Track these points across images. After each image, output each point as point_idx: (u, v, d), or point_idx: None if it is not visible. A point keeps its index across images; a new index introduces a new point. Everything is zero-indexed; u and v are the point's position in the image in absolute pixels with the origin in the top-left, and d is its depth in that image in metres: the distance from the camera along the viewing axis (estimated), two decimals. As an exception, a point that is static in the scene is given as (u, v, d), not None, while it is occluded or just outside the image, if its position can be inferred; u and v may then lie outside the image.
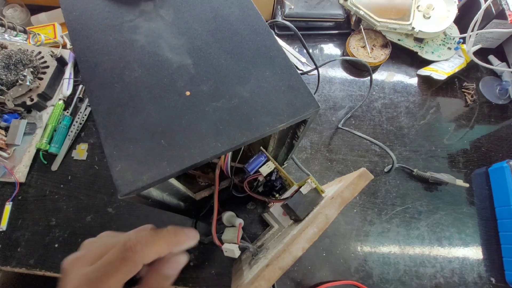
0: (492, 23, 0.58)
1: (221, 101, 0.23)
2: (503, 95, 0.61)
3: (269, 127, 0.23)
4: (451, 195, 0.51)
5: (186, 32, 0.26)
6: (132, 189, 0.20)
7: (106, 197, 0.48)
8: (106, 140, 0.21)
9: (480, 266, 0.47)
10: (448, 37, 0.63)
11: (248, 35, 0.27)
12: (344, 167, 0.52)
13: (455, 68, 0.60)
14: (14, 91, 0.48)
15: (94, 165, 0.50)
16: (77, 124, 0.52)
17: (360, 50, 0.60)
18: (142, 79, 0.24)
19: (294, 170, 0.51)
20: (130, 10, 0.27)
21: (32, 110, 0.51)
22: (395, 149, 0.55)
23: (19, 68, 0.49)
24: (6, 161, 0.48)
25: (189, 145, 0.21)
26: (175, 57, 0.25)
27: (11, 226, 0.46)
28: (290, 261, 0.24)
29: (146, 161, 0.21)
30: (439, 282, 0.46)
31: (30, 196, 0.48)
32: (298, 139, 0.31)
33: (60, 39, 0.56)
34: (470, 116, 0.59)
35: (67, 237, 0.45)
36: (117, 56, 0.25)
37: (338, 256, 0.46)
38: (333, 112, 0.57)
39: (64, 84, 0.54)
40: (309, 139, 0.54)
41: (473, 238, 0.49)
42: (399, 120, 0.57)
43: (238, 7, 0.28)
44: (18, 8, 0.59)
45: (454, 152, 0.55)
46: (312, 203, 0.31)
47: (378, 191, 0.51)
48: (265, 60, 0.26)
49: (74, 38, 0.26)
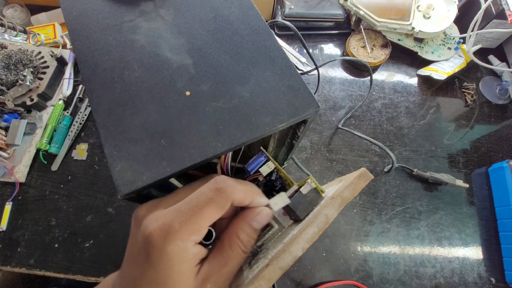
0: (492, 23, 0.58)
1: (221, 101, 0.23)
2: (503, 95, 0.61)
3: (269, 127, 0.23)
4: (451, 195, 0.51)
5: (186, 32, 0.26)
6: (132, 189, 0.20)
7: (106, 197, 0.48)
8: (106, 140, 0.21)
9: (480, 266, 0.47)
10: (448, 37, 0.63)
11: (248, 35, 0.27)
12: (344, 167, 0.52)
13: (455, 68, 0.60)
14: (14, 91, 0.48)
15: (94, 165, 0.50)
16: (77, 124, 0.52)
17: (360, 50, 0.60)
18: (142, 79, 0.24)
19: (294, 170, 0.51)
20: (130, 10, 0.27)
21: (32, 110, 0.51)
22: (395, 149, 0.55)
23: (19, 68, 0.49)
24: (6, 161, 0.48)
25: (189, 145, 0.21)
26: (175, 57, 0.25)
27: (11, 226, 0.46)
28: (290, 261, 0.24)
29: (146, 161, 0.21)
30: (439, 282, 0.46)
31: (30, 196, 0.48)
32: (298, 139, 0.31)
33: (60, 39, 0.56)
34: (470, 116, 0.59)
35: (67, 237, 0.45)
36: (117, 56, 0.25)
37: (338, 256, 0.46)
38: (333, 112, 0.57)
39: (64, 84, 0.54)
40: (309, 139, 0.54)
41: (473, 238, 0.49)
42: (399, 120, 0.57)
43: (238, 7, 0.28)
44: (18, 8, 0.59)
45: (454, 152, 0.55)
46: (312, 203, 0.31)
47: (378, 191, 0.51)
48: (265, 60, 0.26)
49: (74, 38, 0.26)
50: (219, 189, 0.19)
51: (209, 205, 0.19)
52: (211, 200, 0.19)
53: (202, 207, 0.19)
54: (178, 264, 0.18)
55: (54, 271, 0.43)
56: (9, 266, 0.44)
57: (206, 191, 0.19)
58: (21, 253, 0.44)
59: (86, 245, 0.45)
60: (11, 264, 0.44)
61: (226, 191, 0.19)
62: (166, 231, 0.18)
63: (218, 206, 0.19)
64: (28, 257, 0.44)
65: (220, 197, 0.19)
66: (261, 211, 0.22)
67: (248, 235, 0.21)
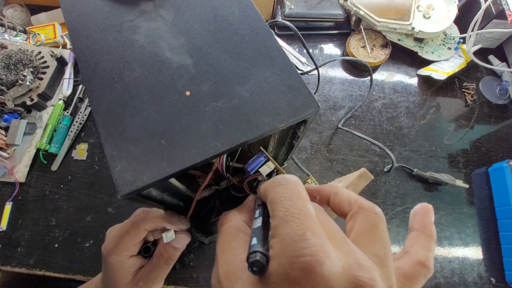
0: (492, 23, 0.58)
1: (221, 101, 0.23)
2: (503, 95, 0.61)
3: (269, 127, 0.23)
4: (451, 195, 0.51)
5: (186, 32, 0.26)
6: (132, 189, 0.20)
7: (106, 197, 0.48)
8: (106, 140, 0.21)
9: (480, 266, 0.47)
10: (448, 37, 0.63)
11: (248, 35, 0.27)
12: (344, 167, 0.52)
13: (455, 68, 0.60)
14: (14, 91, 0.48)
15: (94, 165, 0.50)
16: (77, 124, 0.52)
17: (360, 50, 0.60)
18: (142, 79, 0.24)
19: (294, 170, 0.51)
20: (130, 10, 0.27)
21: (32, 110, 0.51)
22: (395, 149, 0.55)
23: (19, 68, 0.49)
24: (6, 161, 0.48)
25: (189, 145, 0.21)
26: (175, 57, 0.25)
27: (11, 226, 0.46)
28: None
29: (146, 161, 0.21)
30: (439, 282, 0.46)
31: (30, 196, 0.48)
32: (298, 139, 0.31)
33: (60, 39, 0.56)
34: (470, 116, 0.59)
35: (67, 237, 0.45)
36: (117, 56, 0.25)
37: (338, 256, 0.46)
38: (333, 112, 0.57)
39: (64, 84, 0.54)
40: (309, 139, 0.54)
41: (473, 238, 0.49)
42: (399, 120, 0.57)
43: (238, 7, 0.28)
44: (18, 8, 0.59)
45: (454, 152, 0.55)
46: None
47: (378, 191, 0.51)
48: (265, 60, 0.26)
49: (74, 38, 0.26)
50: (133, 222, 0.29)
51: (128, 233, 0.29)
52: (128, 229, 0.29)
53: (124, 235, 0.29)
54: (118, 270, 0.30)
55: (54, 271, 0.43)
56: (9, 266, 0.44)
57: (127, 222, 0.30)
58: (21, 253, 0.44)
59: (86, 245, 0.45)
60: (11, 264, 0.44)
61: (138, 223, 0.29)
62: (107, 249, 0.29)
63: (133, 234, 0.29)
64: (28, 257, 0.44)
65: (133, 228, 0.29)
66: (180, 236, 0.31)
67: (168, 252, 0.31)
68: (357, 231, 0.17)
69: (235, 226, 0.20)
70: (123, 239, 0.29)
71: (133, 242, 0.29)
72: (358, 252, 0.15)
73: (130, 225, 0.29)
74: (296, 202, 0.16)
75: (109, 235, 0.31)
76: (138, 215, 0.30)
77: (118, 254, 0.29)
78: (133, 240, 0.29)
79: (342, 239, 0.16)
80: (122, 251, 0.29)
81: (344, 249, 0.15)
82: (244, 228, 0.20)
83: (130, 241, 0.29)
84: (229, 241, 0.19)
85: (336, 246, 0.15)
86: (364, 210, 0.18)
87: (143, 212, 0.30)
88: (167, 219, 0.30)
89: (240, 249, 0.17)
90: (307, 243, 0.14)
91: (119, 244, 0.29)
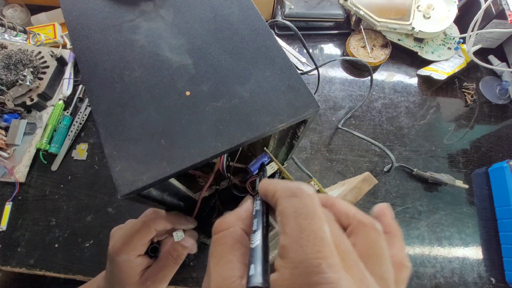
0: (492, 23, 0.58)
1: (221, 101, 0.23)
2: (503, 95, 0.61)
3: (269, 127, 0.23)
4: (451, 195, 0.51)
5: (186, 32, 0.26)
6: (132, 189, 0.20)
7: (106, 197, 0.48)
8: (106, 140, 0.21)
9: (480, 266, 0.47)
10: (448, 37, 0.63)
11: (248, 35, 0.27)
12: (344, 167, 0.52)
13: (455, 68, 0.60)
14: (14, 91, 0.48)
15: (94, 165, 0.50)
16: (77, 124, 0.52)
17: (360, 50, 0.60)
18: (142, 79, 0.24)
19: (294, 170, 0.51)
20: (130, 10, 0.27)
21: (32, 110, 0.51)
22: (395, 149, 0.55)
23: (19, 68, 0.49)
24: (6, 161, 0.48)
25: (189, 145, 0.21)
26: (175, 57, 0.25)
27: (11, 226, 0.46)
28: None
29: (146, 161, 0.21)
30: (439, 282, 0.46)
31: (30, 196, 0.48)
32: (298, 139, 0.31)
33: (60, 39, 0.56)
34: (470, 116, 0.59)
35: (67, 237, 0.45)
36: (117, 56, 0.25)
37: (338, 256, 0.46)
38: (333, 112, 0.57)
39: (64, 84, 0.54)
40: (309, 139, 0.54)
41: (473, 238, 0.49)
42: (399, 120, 0.57)
43: (238, 7, 0.28)
44: (18, 8, 0.59)
45: (454, 152, 0.55)
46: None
47: (378, 191, 0.51)
48: (265, 60, 0.26)
49: (74, 38, 0.26)
50: (144, 222, 0.30)
51: (137, 233, 0.30)
52: (139, 229, 0.30)
53: (133, 235, 0.30)
54: (125, 269, 0.30)
55: (54, 271, 0.43)
56: (9, 266, 0.44)
57: (137, 222, 0.30)
58: (21, 253, 0.44)
59: (86, 245, 0.45)
60: (11, 264, 0.44)
61: (148, 224, 0.30)
62: (115, 248, 0.30)
63: (143, 234, 0.30)
64: (28, 257, 0.44)
65: (144, 227, 0.30)
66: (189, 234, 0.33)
67: (177, 251, 0.32)
68: (360, 249, 0.16)
69: (233, 235, 0.18)
70: (133, 238, 0.30)
71: (142, 242, 0.30)
72: (369, 278, 0.14)
73: (141, 225, 0.30)
74: (312, 222, 0.14)
75: (114, 234, 0.31)
76: (148, 215, 0.30)
77: (127, 253, 0.30)
78: (142, 240, 0.30)
79: (354, 263, 0.15)
80: (130, 250, 0.30)
81: (357, 276, 0.14)
82: (242, 238, 0.18)
83: (140, 241, 0.30)
84: (225, 252, 0.17)
85: (350, 272, 0.14)
86: (365, 226, 0.17)
87: (154, 212, 0.30)
88: (176, 219, 0.31)
89: (237, 264, 0.16)
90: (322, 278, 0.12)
91: (129, 243, 0.30)
